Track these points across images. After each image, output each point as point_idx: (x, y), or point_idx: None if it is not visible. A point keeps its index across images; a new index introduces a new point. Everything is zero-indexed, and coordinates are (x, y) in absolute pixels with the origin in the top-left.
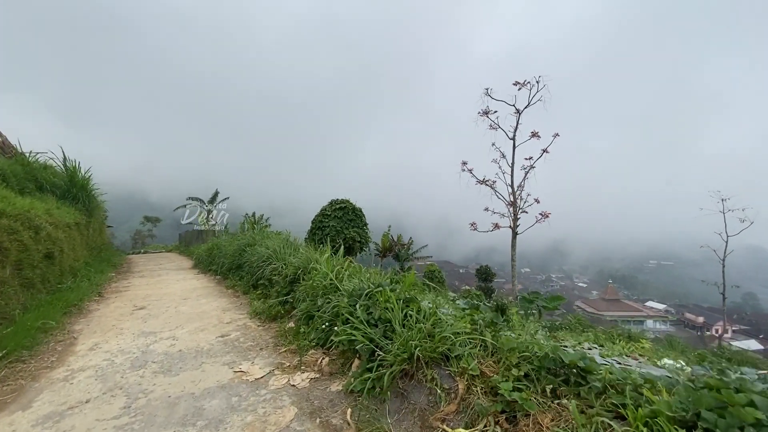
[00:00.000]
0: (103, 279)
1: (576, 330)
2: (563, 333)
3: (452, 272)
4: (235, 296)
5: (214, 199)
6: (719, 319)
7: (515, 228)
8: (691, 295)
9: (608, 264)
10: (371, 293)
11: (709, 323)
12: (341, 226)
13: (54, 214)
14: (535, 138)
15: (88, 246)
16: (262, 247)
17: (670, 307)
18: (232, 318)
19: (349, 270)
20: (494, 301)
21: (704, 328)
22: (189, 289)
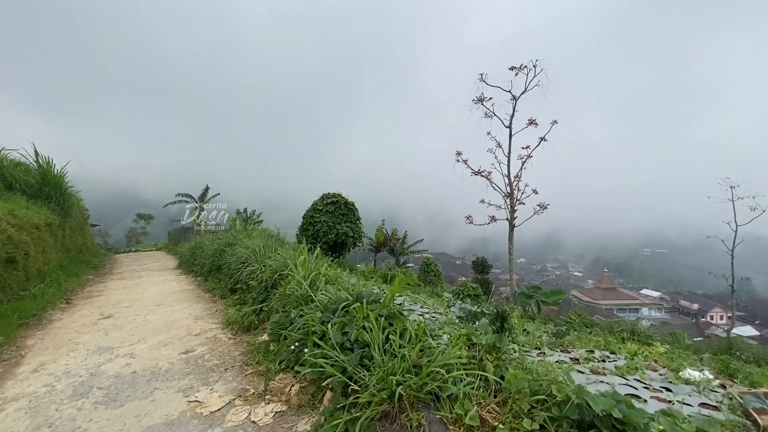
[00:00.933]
0: (76, 283)
1: (581, 330)
2: (570, 338)
3: (448, 263)
4: (212, 301)
5: (204, 196)
6: (714, 305)
7: (512, 221)
8: (686, 282)
9: (604, 253)
10: (348, 306)
11: (704, 310)
12: (333, 221)
13: (19, 214)
14: (532, 126)
15: (64, 247)
16: (241, 247)
17: (665, 295)
18: (202, 328)
19: (328, 275)
20: (494, 308)
21: (699, 315)
22: (166, 292)
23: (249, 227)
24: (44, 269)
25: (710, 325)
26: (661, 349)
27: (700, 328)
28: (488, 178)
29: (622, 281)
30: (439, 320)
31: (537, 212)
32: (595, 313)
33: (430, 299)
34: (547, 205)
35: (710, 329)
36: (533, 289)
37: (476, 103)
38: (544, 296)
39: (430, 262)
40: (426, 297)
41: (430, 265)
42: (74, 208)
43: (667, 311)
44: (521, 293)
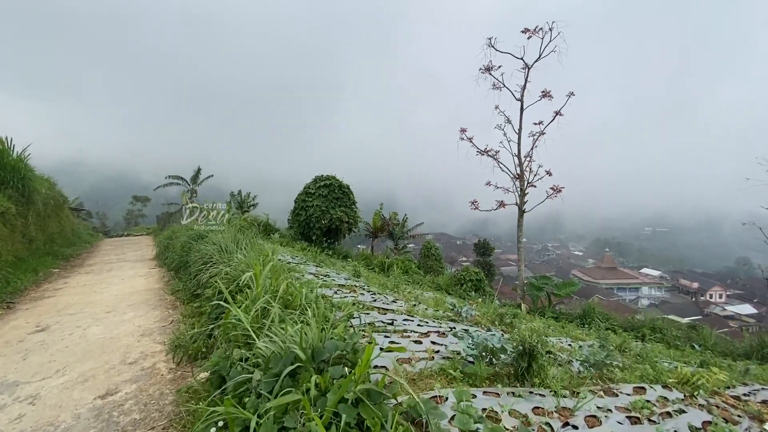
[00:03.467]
0: (31, 280)
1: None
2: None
3: (449, 244)
4: (172, 307)
5: (196, 178)
6: (713, 284)
7: (522, 205)
8: (686, 261)
9: (605, 232)
10: (300, 370)
11: (703, 288)
12: (327, 205)
13: None
14: (546, 99)
15: (26, 238)
16: (209, 242)
17: (665, 274)
18: (143, 352)
19: (291, 294)
20: (519, 341)
21: (698, 294)
22: (126, 293)
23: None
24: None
25: (709, 303)
26: (721, 376)
27: (700, 307)
28: (495, 157)
29: (622, 260)
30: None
31: (550, 196)
32: (595, 292)
33: (431, 303)
34: (562, 188)
35: (709, 308)
36: (543, 280)
37: (483, 72)
38: (556, 288)
39: (431, 246)
40: (426, 301)
41: (430, 248)
42: (38, 194)
43: (666, 290)
44: (531, 284)
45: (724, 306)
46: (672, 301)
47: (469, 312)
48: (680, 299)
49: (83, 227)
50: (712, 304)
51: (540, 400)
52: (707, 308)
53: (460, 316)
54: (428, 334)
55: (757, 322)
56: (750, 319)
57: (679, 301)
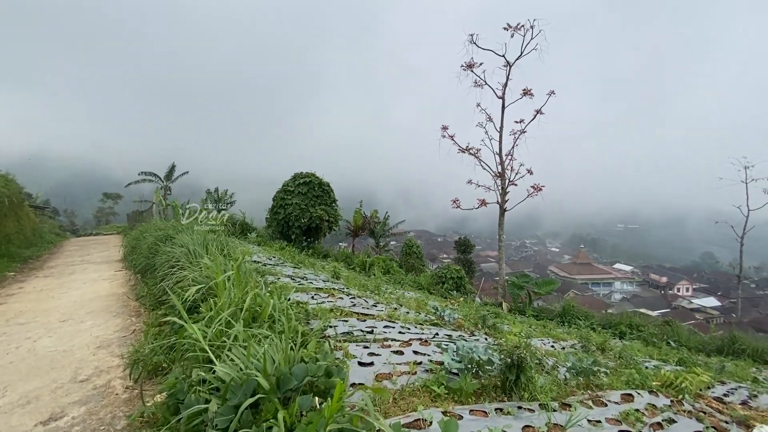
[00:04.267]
0: None
1: (589, 339)
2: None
3: (430, 241)
4: (136, 314)
5: (170, 175)
6: (681, 278)
7: (503, 204)
8: (655, 256)
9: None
10: (262, 402)
11: (671, 282)
12: (306, 203)
13: None
14: (527, 96)
15: None
16: (176, 244)
17: (636, 269)
18: (98, 367)
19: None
20: (507, 354)
21: (667, 287)
22: (87, 299)
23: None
24: None
25: (677, 297)
26: (705, 378)
27: (668, 300)
28: (477, 155)
29: (596, 256)
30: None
31: (531, 194)
32: (571, 287)
33: (412, 305)
34: (542, 187)
35: (677, 301)
36: (524, 279)
37: (465, 69)
38: (536, 286)
39: (412, 244)
40: (408, 303)
41: (412, 246)
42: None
43: (637, 284)
44: (512, 283)
45: (691, 299)
46: (642, 295)
47: (451, 316)
48: (650, 293)
49: (48, 226)
50: (679, 298)
51: (530, 417)
52: (675, 301)
53: (443, 320)
54: (410, 343)
55: (721, 314)
56: (714, 311)
57: (649, 294)
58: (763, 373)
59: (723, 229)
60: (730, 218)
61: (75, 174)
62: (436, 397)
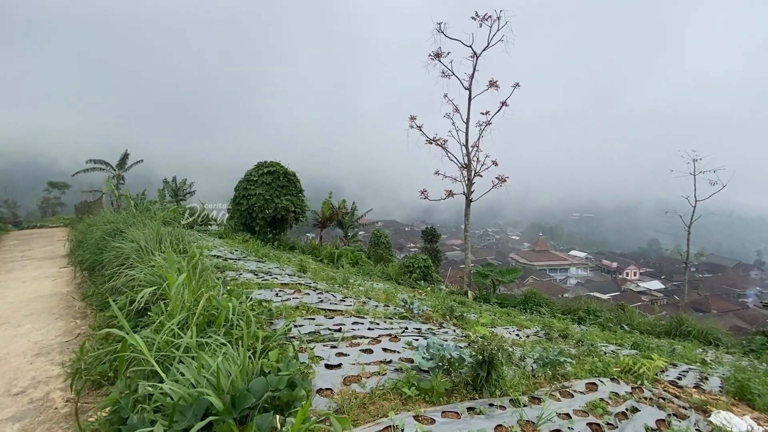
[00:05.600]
0: None
1: (552, 327)
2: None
3: (398, 231)
4: (81, 316)
5: (123, 163)
6: (629, 263)
7: (469, 195)
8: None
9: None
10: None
11: (621, 267)
12: (271, 193)
13: None
14: (493, 88)
15: None
16: (126, 239)
17: (590, 255)
18: (36, 377)
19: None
20: (477, 348)
21: (617, 272)
22: (26, 299)
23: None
24: None
25: (626, 281)
26: (660, 363)
27: (618, 284)
28: (444, 146)
29: (554, 244)
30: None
31: (495, 186)
32: (530, 274)
33: (381, 298)
34: (507, 178)
35: (626, 285)
36: (488, 268)
37: (433, 58)
38: (499, 275)
39: (380, 234)
40: (377, 296)
41: (380, 237)
42: None
43: (591, 270)
44: (477, 272)
45: (638, 282)
46: (595, 279)
47: (420, 308)
48: (602, 278)
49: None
50: (628, 281)
51: (501, 415)
52: (624, 285)
53: (412, 313)
54: (379, 339)
55: (664, 296)
56: (659, 293)
57: (601, 279)
58: (708, 354)
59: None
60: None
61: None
62: (407, 399)
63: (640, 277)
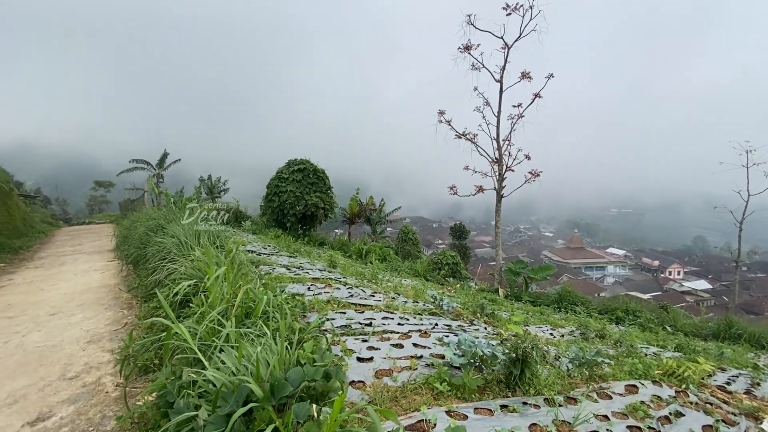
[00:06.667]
0: None
1: (588, 326)
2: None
3: (425, 227)
4: (128, 307)
5: (163, 162)
6: (672, 261)
7: (500, 190)
8: (648, 240)
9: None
10: (255, 411)
11: (663, 266)
12: (301, 190)
13: None
14: (525, 80)
15: None
16: (167, 234)
17: (629, 253)
18: (87, 363)
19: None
20: (511, 351)
21: (659, 271)
22: (78, 291)
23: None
24: None
25: (668, 280)
26: (707, 366)
27: (659, 284)
28: (474, 141)
29: (590, 241)
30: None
31: (528, 180)
32: (564, 272)
33: (410, 294)
34: (540, 172)
35: (668, 284)
36: (520, 265)
37: (462, 51)
38: (532, 272)
39: (408, 230)
40: (405, 292)
41: (408, 233)
42: None
43: (630, 268)
44: (508, 269)
45: (682, 282)
46: (634, 278)
47: (450, 305)
48: (642, 276)
49: (39, 215)
50: (670, 281)
51: (536, 413)
52: (666, 285)
53: (442, 309)
54: (409, 335)
55: (711, 297)
56: (705, 294)
57: (641, 278)
58: (761, 358)
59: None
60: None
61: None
62: (438, 394)
63: (685, 276)
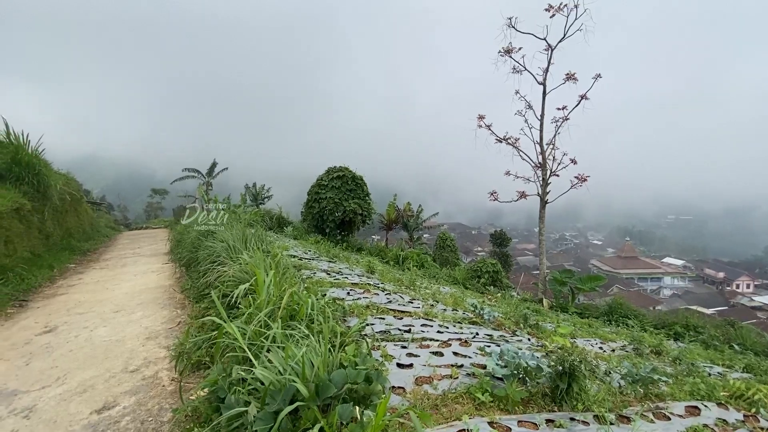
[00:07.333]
0: (46, 277)
1: (642, 341)
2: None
3: (464, 234)
4: (181, 306)
5: (212, 171)
6: (740, 273)
7: (544, 196)
8: (711, 250)
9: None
10: (300, 410)
11: (729, 278)
12: (340, 197)
13: None
14: (570, 81)
15: (43, 233)
16: (217, 239)
17: (689, 263)
18: (146, 358)
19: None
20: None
21: (725, 284)
22: (137, 290)
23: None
24: (6, 263)
25: (736, 294)
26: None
27: (725, 297)
28: (516, 145)
29: (643, 249)
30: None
31: (575, 185)
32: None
33: (449, 302)
34: (587, 177)
35: (736, 298)
36: (566, 274)
37: (503, 55)
38: (579, 282)
39: (446, 237)
40: (444, 300)
41: (445, 240)
42: (54, 189)
43: (690, 280)
44: (553, 279)
45: (752, 296)
46: (696, 291)
47: (491, 314)
48: (704, 289)
49: (104, 220)
50: (738, 295)
51: (584, 430)
52: (733, 299)
53: (482, 318)
54: (449, 343)
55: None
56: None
57: (703, 291)
58: None
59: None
60: None
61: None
62: (480, 404)
63: (755, 290)
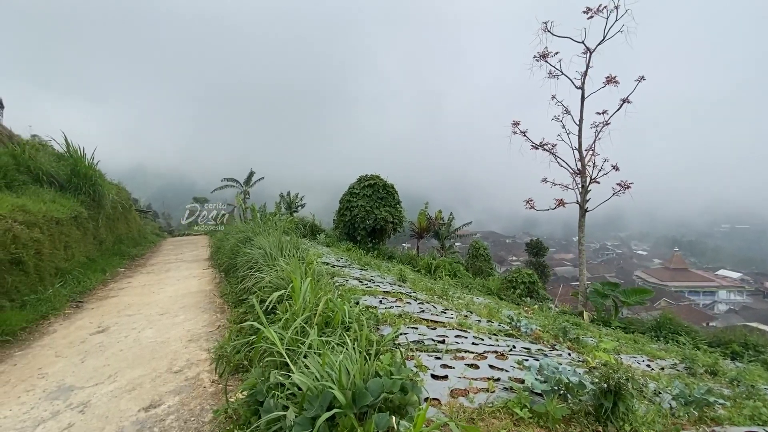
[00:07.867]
0: (100, 280)
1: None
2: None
3: (498, 242)
4: (221, 311)
5: (249, 180)
6: None
7: (584, 204)
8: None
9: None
10: (338, 417)
11: None
12: (371, 205)
13: (32, 209)
14: (611, 85)
15: (97, 240)
16: (255, 246)
17: (747, 276)
18: (189, 359)
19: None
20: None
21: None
22: (180, 294)
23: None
24: (65, 266)
25: None
26: None
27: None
28: (553, 152)
29: (694, 261)
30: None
31: (617, 193)
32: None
33: (483, 313)
34: (631, 184)
35: None
36: (609, 287)
37: (539, 60)
38: (623, 295)
39: (479, 246)
40: (478, 311)
41: (478, 249)
42: (107, 198)
43: (748, 294)
44: (595, 291)
45: None
46: (755, 306)
47: (528, 327)
48: (765, 305)
49: (150, 227)
50: None
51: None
52: None
53: (519, 331)
54: (485, 356)
55: None
56: None
57: (763, 306)
58: None
59: None
60: None
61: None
62: (518, 420)
63: None
